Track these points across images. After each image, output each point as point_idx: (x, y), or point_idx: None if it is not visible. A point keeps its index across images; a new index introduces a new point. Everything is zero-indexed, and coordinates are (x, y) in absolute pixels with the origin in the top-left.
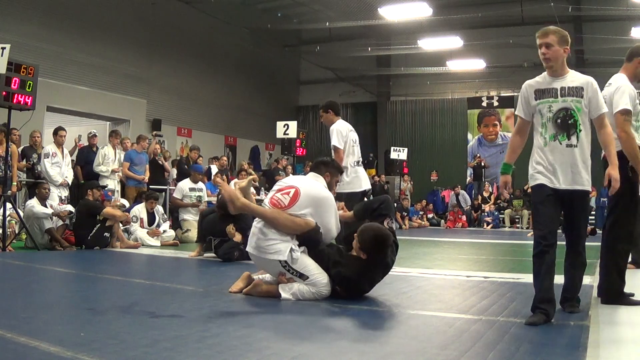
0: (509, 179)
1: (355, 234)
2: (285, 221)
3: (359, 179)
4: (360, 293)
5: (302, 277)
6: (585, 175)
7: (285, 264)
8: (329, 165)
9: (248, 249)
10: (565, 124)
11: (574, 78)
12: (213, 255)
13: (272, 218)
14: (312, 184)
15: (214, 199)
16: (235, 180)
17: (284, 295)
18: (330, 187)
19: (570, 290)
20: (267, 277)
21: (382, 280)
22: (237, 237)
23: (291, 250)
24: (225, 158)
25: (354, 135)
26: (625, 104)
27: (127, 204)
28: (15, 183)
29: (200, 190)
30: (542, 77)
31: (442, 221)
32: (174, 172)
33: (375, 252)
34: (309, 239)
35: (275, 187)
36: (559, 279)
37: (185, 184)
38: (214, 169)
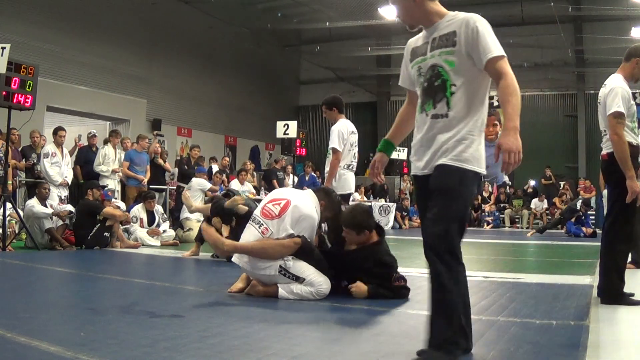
0: (382, 158)
1: (343, 230)
2: (275, 248)
3: (347, 182)
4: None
5: (299, 279)
6: (462, 154)
7: (281, 268)
8: (331, 199)
9: (238, 261)
10: (432, 88)
11: (449, 22)
12: (210, 254)
13: (260, 250)
14: (304, 200)
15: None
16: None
17: (281, 294)
18: (319, 215)
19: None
20: None
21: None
22: (225, 231)
23: (284, 259)
24: (227, 159)
25: (353, 138)
26: (617, 107)
27: (123, 206)
28: (10, 182)
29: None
30: (423, 32)
31: None
32: (175, 171)
33: (366, 225)
34: (302, 253)
35: (269, 197)
36: (562, 279)
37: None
38: (215, 168)
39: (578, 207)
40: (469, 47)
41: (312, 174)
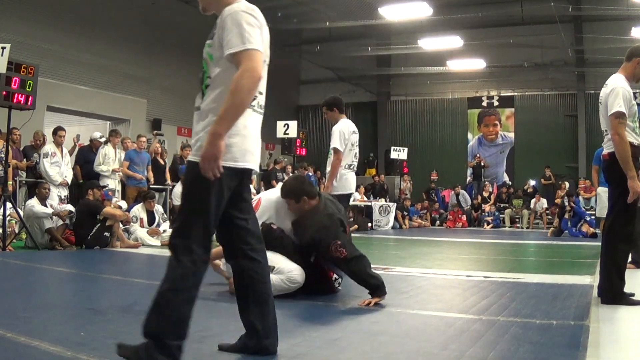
0: None
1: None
2: None
3: (348, 182)
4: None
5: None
6: (202, 149)
7: None
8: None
9: (221, 264)
10: (198, 80)
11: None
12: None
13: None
14: (273, 192)
15: None
16: None
17: None
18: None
19: None
20: None
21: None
22: None
23: None
24: None
25: (355, 138)
26: (619, 107)
27: (124, 205)
28: (11, 182)
29: None
30: None
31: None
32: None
33: (300, 192)
34: (270, 239)
35: None
36: (562, 279)
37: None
38: None
39: (566, 204)
40: (220, 39)
41: (309, 173)
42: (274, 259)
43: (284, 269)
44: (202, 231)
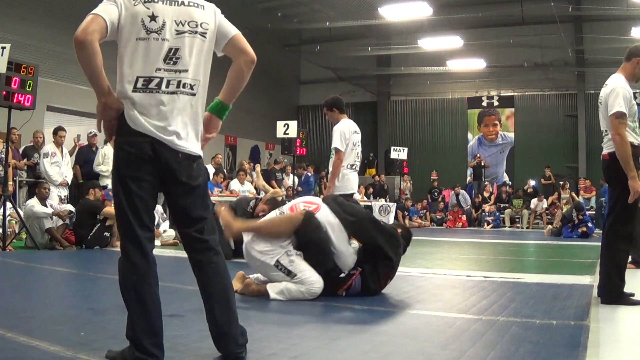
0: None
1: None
2: (282, 220)
3: (349, 182)
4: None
5: (290, 274)
6: None
7: (277, 262)
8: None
9: (245, 239)
10: None
11: None
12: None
13: (268, 223)
14: (330, 210)
15: (214, 198)
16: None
17: (272, 295)
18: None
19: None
20: (259, 277)
21: None
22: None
23: (286, 253)
24: (220, 156)
25: (356, 138)
26: (619, 107)
27: None
28: (11, 182)
29: None
30: None
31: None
32: None
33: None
34: (308, 226)
35: (305, 198)
36: (562, 279)
37: None
38: (210, 168)
39: (574, 217)
40: None
41: (308, 173)
42: (299, 267)
43: (306, 280)
44: (126, 227)
